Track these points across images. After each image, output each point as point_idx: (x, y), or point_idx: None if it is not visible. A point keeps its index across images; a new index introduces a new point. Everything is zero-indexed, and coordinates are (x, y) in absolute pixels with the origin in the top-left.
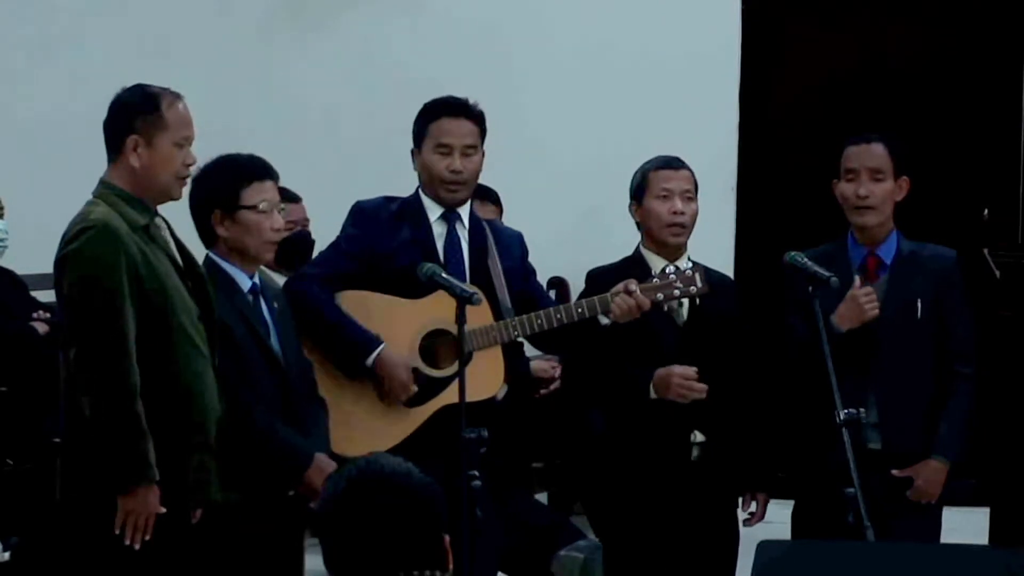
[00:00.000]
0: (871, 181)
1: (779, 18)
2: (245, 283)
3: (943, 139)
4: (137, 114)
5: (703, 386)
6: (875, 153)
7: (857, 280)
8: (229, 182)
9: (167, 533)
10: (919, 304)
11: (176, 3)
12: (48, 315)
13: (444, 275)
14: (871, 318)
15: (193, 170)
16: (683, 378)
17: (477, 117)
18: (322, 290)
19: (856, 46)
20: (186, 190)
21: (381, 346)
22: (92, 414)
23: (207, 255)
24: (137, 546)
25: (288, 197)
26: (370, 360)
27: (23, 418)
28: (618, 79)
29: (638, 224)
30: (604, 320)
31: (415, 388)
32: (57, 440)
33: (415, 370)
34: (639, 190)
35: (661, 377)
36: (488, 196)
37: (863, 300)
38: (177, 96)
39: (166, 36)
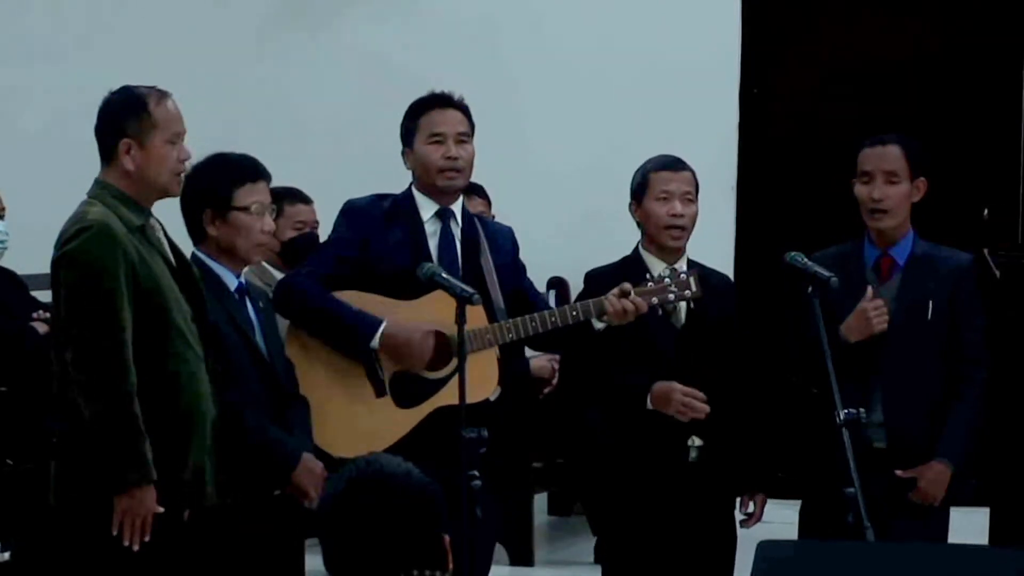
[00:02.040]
0: (886, 184)
1: (779, 18)
2: (232, 282)
3: (943, 139)
4: (126, 117)
5: (704, 407)
6: (890, 156)
7: (870, 291)
8: (222, 182)
9: (165, 534)
10: (929, 305)
11: (175, 5)
12: (48, 315)
13: (444, 275)
14: (879, 332)
15: (188, 165)
16: (684, 395)
17: (464, 108)
18: (315, 283)
19: (856, 46)
20: None
21: (384, 323)
22: (90, 414)
23: (193, 253)
24: (136, 547)
25: (300, 199)
26: (375, 340)
27: (23, 418)
28: (617, 78)
29: (638, 223)
30: (598, 325)
31: (430, 351)
32: (56, 440)
33: (409, 371)
34: (639, 190)
35: (661, 391)
36: (476, 191)
37: (872, 314)
38: (164, 94)
39: (165, 38)
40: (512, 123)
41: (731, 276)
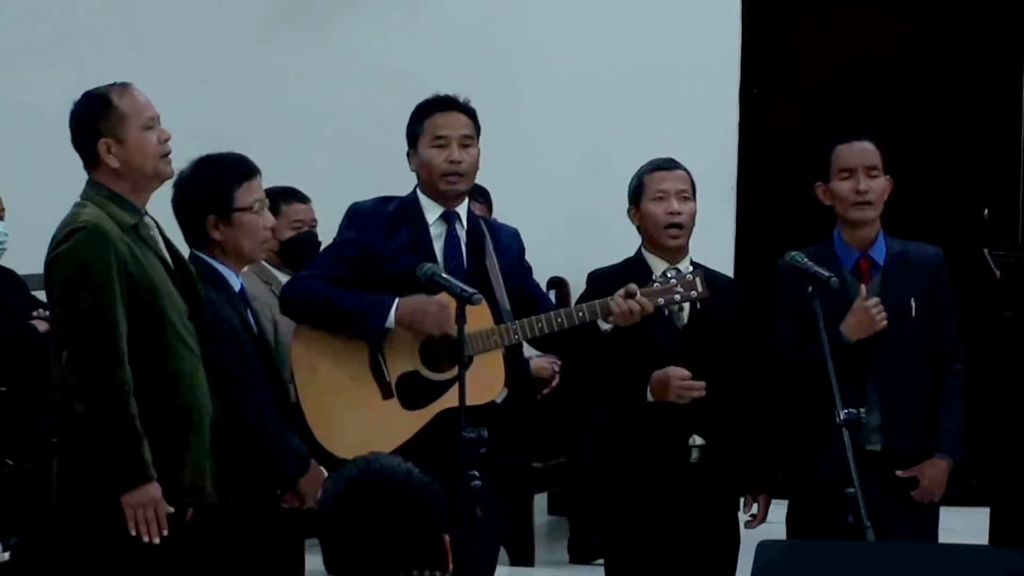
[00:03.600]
0: (868, 178)
1: (779, 19)
2: (236, 284)
3: (943, 139)
4: (96, 118)
5: (701, 383)
6: (869, 150)
7: (863, 289)
8: (220, 184)
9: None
10: (912, 303)
11: (176, 4)
12: (48, 314)
13: (444, 275)
14: (881, 328)
15: (176, 162)
16: (680, 379)
17: (469, 111)
18: (320, 280)
19: (856, 46)
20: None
21: (395, 301)
22: (86, 416)
23: (193, 253)
24: (156, 540)
25: (298, 198)
26: (389, 319)
27: (23, 418)
28: (617, 79)
29: (638, 228)
30: (604, 326)
31: (453, 311)
32: (56, 440)
33: (415, 373)
34: (635, 194)
35: (659, 379)
36: (477, 194)
37: (874, 311)
38: (125, 85)
39: (165, 37)
40: (512, 123)
41: (731, 276)
